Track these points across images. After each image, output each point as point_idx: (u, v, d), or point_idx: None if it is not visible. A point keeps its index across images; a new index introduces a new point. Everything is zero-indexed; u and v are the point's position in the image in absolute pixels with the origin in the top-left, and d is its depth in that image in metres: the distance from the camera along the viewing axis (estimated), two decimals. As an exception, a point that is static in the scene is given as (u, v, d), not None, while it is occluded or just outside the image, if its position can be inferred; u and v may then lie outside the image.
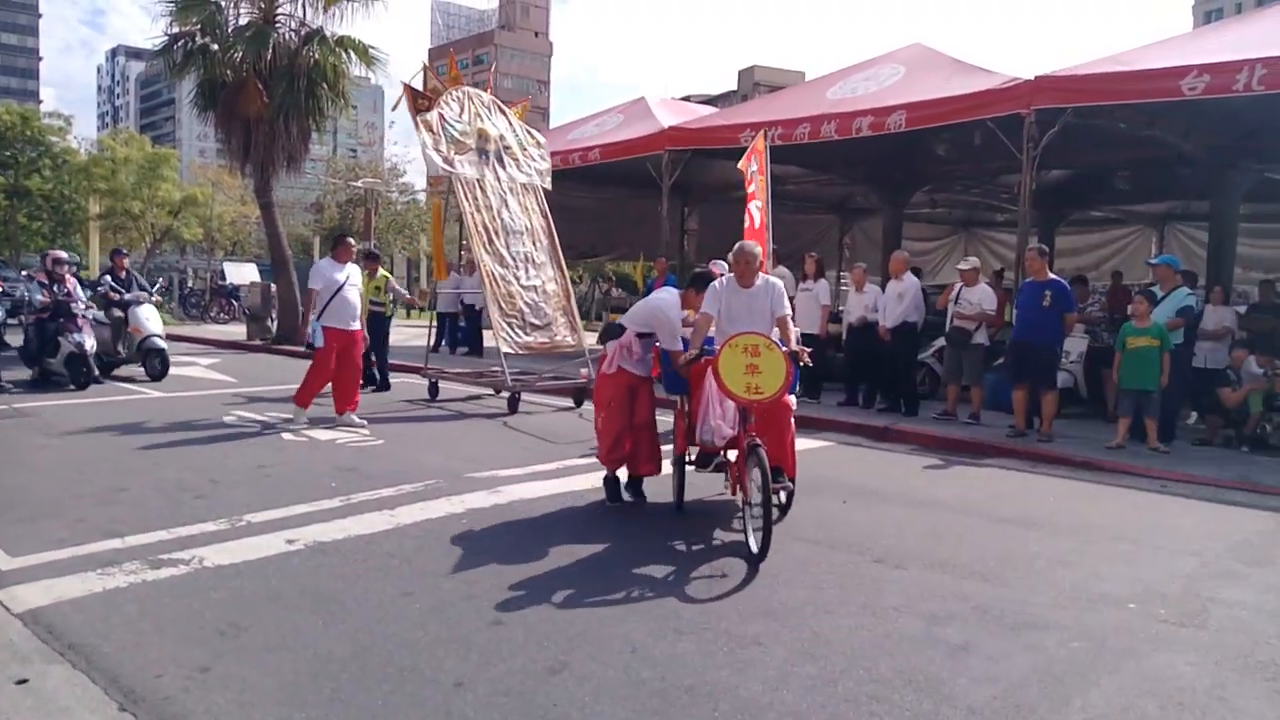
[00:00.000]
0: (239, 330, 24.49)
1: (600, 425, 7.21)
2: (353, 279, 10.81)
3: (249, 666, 4.15)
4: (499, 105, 13.59)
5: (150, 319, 13.93)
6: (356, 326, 10.86)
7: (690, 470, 7.08)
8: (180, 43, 20.17)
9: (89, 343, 12.83)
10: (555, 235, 13.48)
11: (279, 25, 20.43)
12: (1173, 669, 4.38)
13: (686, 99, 41.60)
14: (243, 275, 34.57)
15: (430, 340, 14.76)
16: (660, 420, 7.54)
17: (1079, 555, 6.24)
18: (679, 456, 7.06)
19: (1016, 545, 6.43)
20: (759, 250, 6.86)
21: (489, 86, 13.88)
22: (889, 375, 12.24)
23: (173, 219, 45.86)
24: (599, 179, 20.10)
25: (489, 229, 12.48)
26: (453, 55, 16.20)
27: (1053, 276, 10.59)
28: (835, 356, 13.11)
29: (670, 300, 7.06)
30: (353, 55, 20.73)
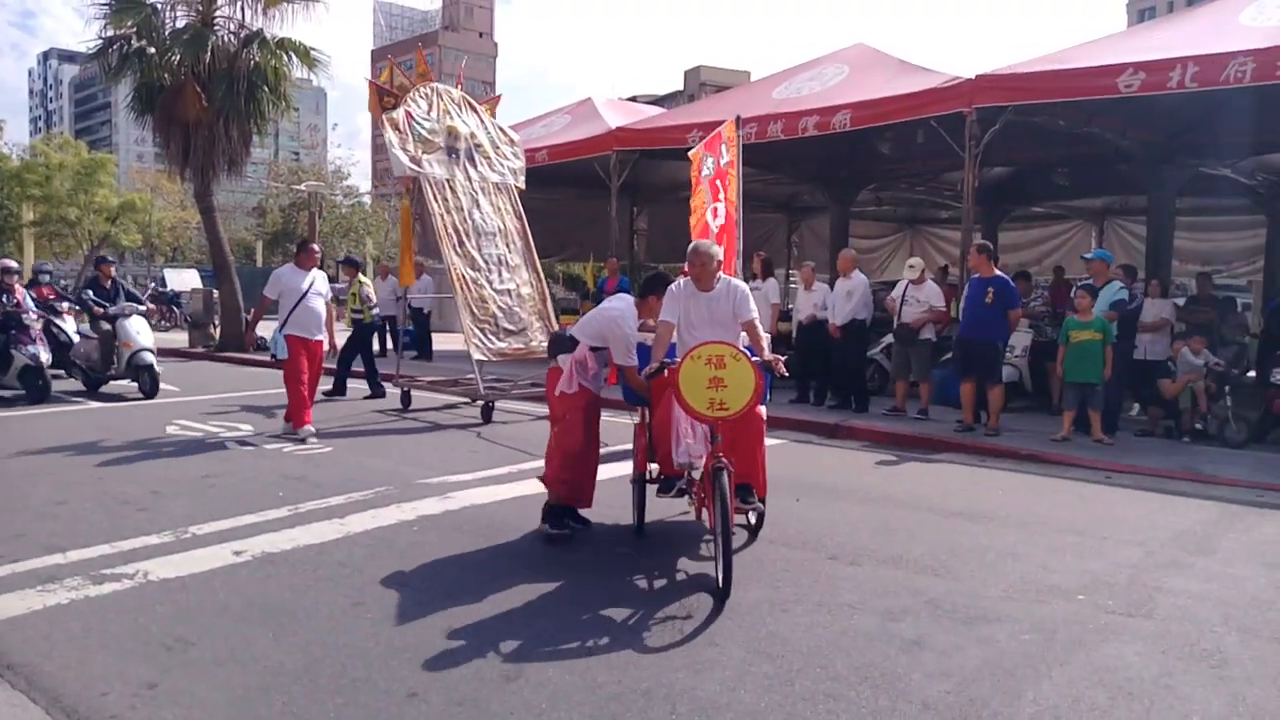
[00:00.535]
0: (181, 338, 24.06)
1: (552, 445, 6.48)
2: (317, 286, 10.37)
3: (198, 681, 4.06)
4: (469, 102, 13.13)
5: (140, 332, 13.14)
6: (320, 335, 10.42)
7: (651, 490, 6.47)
8: (115, 46, 19.77)
9: (44, 355, 12.41)
10: (530, 236, 13.09)
11: (217, 27, 20.12)
12: (1121, 659, 4.45)
13: (633, 99, 41.69)
14: (184, 282, 34.05)
15: (378, 346, 14.56)
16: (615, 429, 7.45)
17: (1028, 547, 6.32)
18: (639, 475, 6.46)
19: (967, 539, 6.50)
20: (717, 250, 6.29)
21: (459, 82, 13.36)
22: (839, 372, 12.32)
23: (110, 225, 44.93)
24: (547, 180, 19.99)
25: (459, 231, 12.05)
26: (420, 51, 15.20)
27: (997, 273, 10.74)
28: (786, 354, 13.12)
29: (624, 310, 6.44)
30: (293, 57, 20.47)
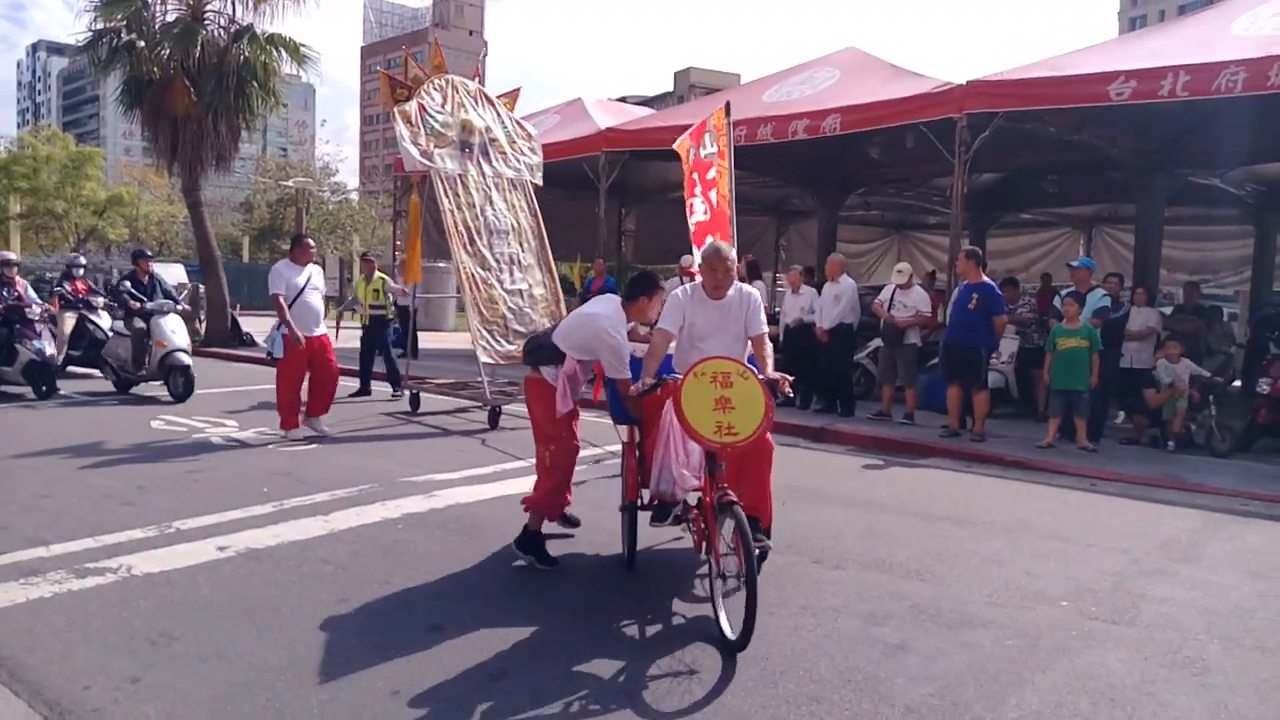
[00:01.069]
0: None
1: (548, 463, 5.82)
2: (314, 281, 10.14)
3: (181, 676, 4.05)
4: (486, 95, 12.60)
5: (176, 331, 12.50)
6: (320, 331, 10.19)
7: (642, 518, 5.83)
8: (105, 39, 19.69)
9: (49, 349, 12.22)
10: (545, 235, 12.62)
11: (207, 22, 20.05)
12: (1104, 666, 4.47)
13: (623, 100, 41.60)
14: (170, 276, 33.71)
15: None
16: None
17: (1012, 553, 6.34)
18: (630, 502, 5.77)
19: (952, 544, 6.51)
20: (734, 254, 5.72)
21: (476, 75, 12.77)
22: (825, 376, 12.34)
23: (98, 219, 44.79)
24: (535, 179, 19.97)
25: (470, 228, 11.58)
26: (437, 42, 14.43)
27: (983, 279, 10.75)
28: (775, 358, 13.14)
29: (612, 316, 5.64)
30: (283, 53, 20.40)
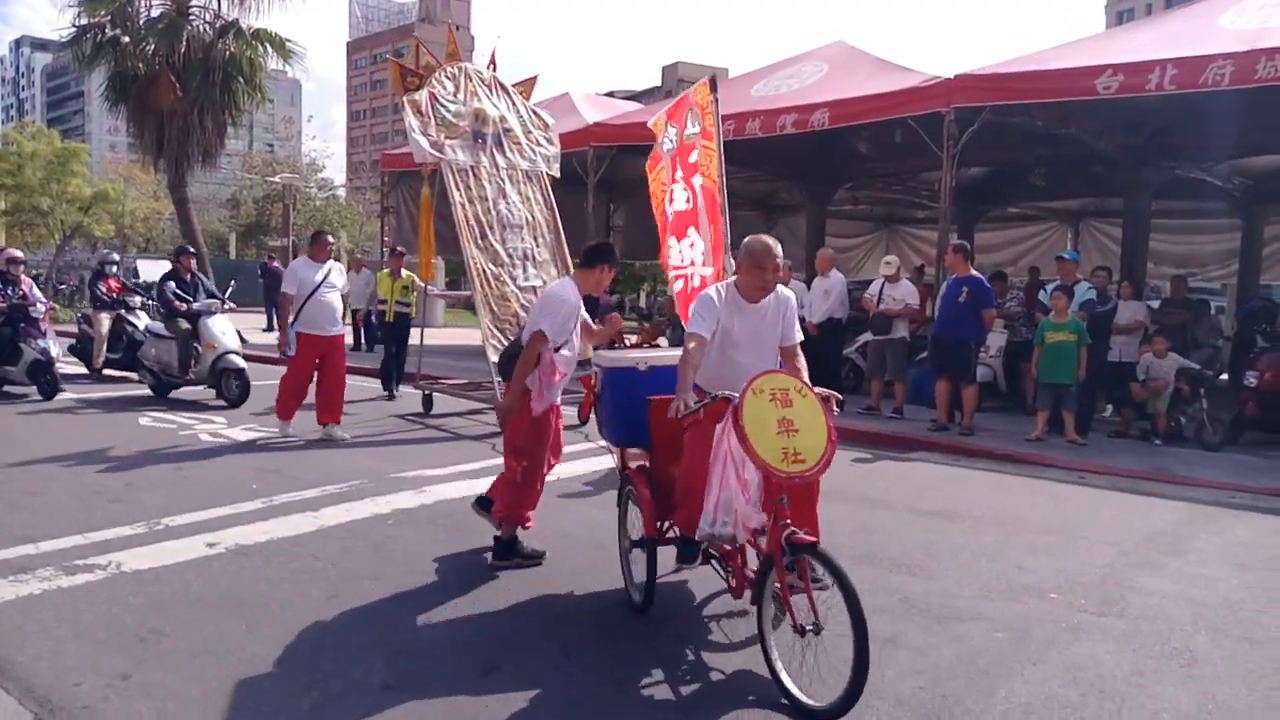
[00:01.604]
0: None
1: (518, 479, 5.53)
2: (332, 279, 9.69)
3: (171, 673, 4.04)
4: (501, 84, 12.01)
5: (226, 332, 11.89)
6: (336, 331, 9.77)
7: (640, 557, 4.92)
8: (89, 34, 19.66)
9: (55, 349, 12.03)
10: (561, 229, 12.00)
11: (192, 17, 20.02)
12: (1093, 657, 4.49)
13: (610, 95, 41.51)
14: (157, 273, 33.59)
15: (351, 341, 14.34)
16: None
17: (1002, 547, 6.37)
18: (648, 540, 4.79)
19: (941, 538, 6.53)
20: (779, 249, 4.72)
21: (491, 63, 12.20)
22: (814, 370, 12.30)
23: (83, 215, 44.40)
24: (524, 175, 19.94)
25: (482, 222, 11.07)
26: (450, 28, 13.84)
27: (972, 273, 10.77)
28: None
29: (561, 282, 5.58)
30: (269, 48, 20.40)
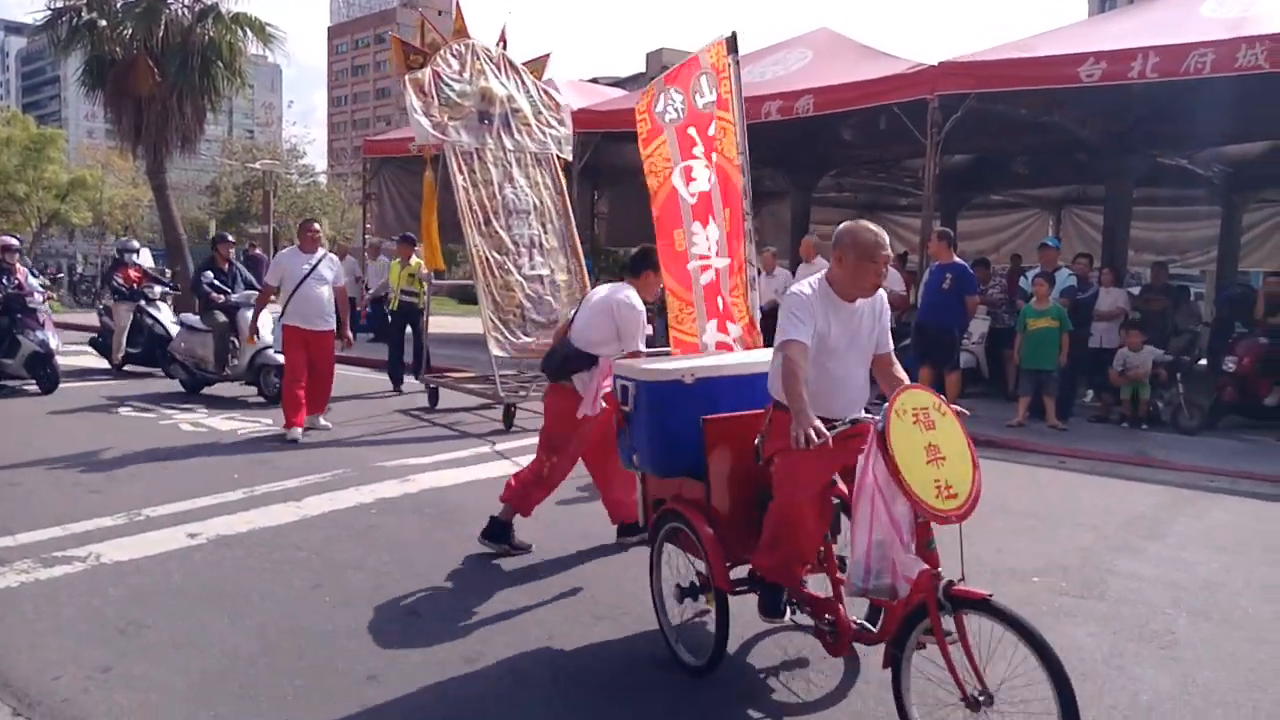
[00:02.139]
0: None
1: (544, 473, 5.57)
2: (321, 271, 9.27)
3: (153, 665, 4.01)
4: (510, 62, 11.42)
5: (263, 324, 10.79)
6: (325, 327, 9.26)
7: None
8: (65, 18, 19.35)
9: (53, 341, 11.72)
10: (571, 215, 11.51)
11: (171, 1, 19.76)
12: (1074, 640, 4.51)
13: (595, 81, 41.35)
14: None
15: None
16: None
17: (983, 531, 6.36)
18: (718, 590, 3.99)
19: (925, 523, 6.54)
20: (887, 239, 3.93)
21: (501, 40, 11.61)
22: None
23: (60, 202, 44.09)
24: (508, 161, 19.83)
25: (486, 208, 10.57)
26: (458, 5, 13.46)
27: (955, 259, 10.80)
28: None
29: (628, 290, 5.51)
30: (249, 33, 20.14)
